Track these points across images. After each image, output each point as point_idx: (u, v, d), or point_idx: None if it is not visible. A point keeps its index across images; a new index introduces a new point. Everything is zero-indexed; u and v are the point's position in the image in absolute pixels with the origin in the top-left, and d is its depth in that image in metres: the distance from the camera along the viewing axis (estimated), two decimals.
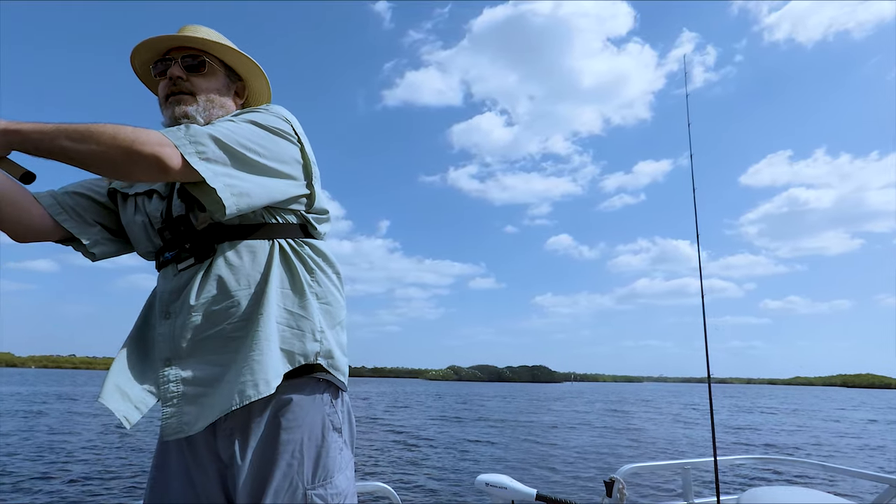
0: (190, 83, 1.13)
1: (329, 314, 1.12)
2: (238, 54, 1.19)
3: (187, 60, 1.14)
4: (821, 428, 19.58)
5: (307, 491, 1.00)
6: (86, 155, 0.87)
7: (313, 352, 1.05)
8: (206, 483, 1.01)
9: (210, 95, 1.15)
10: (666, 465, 2.57)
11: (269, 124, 1.07)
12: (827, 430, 19.01)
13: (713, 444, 2.24)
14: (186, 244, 1.06)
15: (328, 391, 1.09)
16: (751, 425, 19.93)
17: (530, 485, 2.37)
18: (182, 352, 1.00)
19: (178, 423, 0.97)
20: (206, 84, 1.15)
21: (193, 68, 1.14)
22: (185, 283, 1.03)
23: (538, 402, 36.66)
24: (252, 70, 1.23)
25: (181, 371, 0.99)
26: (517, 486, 2.37)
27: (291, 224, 1.12)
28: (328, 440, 1.06)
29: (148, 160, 0.89)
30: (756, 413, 28.08)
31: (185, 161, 0.93)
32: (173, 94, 1.13)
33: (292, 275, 1.08)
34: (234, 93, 1.23)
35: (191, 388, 0.99)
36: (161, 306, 1.05)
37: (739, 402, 43.66)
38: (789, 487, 2.09)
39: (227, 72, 1.21)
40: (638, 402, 38.31)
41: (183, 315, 1.01)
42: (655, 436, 15.65)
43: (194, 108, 1.12)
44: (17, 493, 6.54)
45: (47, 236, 1.09)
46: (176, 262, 1.06)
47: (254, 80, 1.26)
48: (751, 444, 13.73)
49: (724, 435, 15.68)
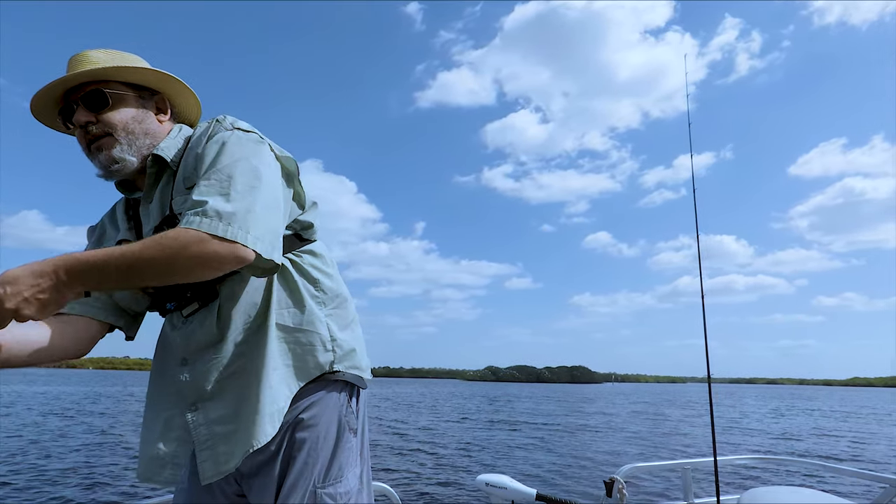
0: (101, 123, 1.02)
1: (339, 317, 1.11)
2: (139, 70, 1.05)
3: (88, 99, 1.02)
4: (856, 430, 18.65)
5: (318, 490, 1.01)
6: (162, 281, 0.88)
7: (327, 362, 1.06)
8: (224, 490, 1.06)
9: (128, 127, 1.04)
10: (666, 466, 2.56)
11: (253, 156, 0.99)
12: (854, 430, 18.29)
13: (713, 444, 2.23)
14: (187, 292, 1.03)
15: (345, 391, 1.09)
16: (793, 430, 19.01)
17: (530, 485, 2.38)
18: (206, 395, 1.00)
19: (215, 464, 0.97)
20: (118, 117, 1.03)
21: (98, 105, 1.02)
22: (196, 327, 1.03)
23: (571, 402, 35.98)
24: (163, 80, 1.10)
25: (209, 413, 1.00)
26: (517, 486, 2.38)
27: (286, 237, 1.07)
28: (343, 440, 1.06)
29: (227, 262, 0.89)
30: (803, 415, 26.80)
31: (252, 249, 0.90)
32: (91, 142, 1.03)
33: (293, 291, 1.07)
34: (155, 109, 1.11)
35: (220, 428, 0.99)
36: (176, 354, 1.05)
37: (789, 403, 41.75)
38: (789, 488, 2.07)
39: (138, 92, 1.08)
40: (682, 403, 37.18)
41: (202, 359, 1.01)
42: (674, 435, 15.25)
43: (119, 150, 1.03)
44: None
45: (97, 339, 1.10)
46: (180, 310, 1.05)
47: (171, 88, 1.12)
48: (793, 450, 13.18)
49: (754, 439, 15.07)
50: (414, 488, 7.49)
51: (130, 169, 1.06)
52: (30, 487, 6.88)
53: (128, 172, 1.06)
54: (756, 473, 7.92)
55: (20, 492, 6.67)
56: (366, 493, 1.10)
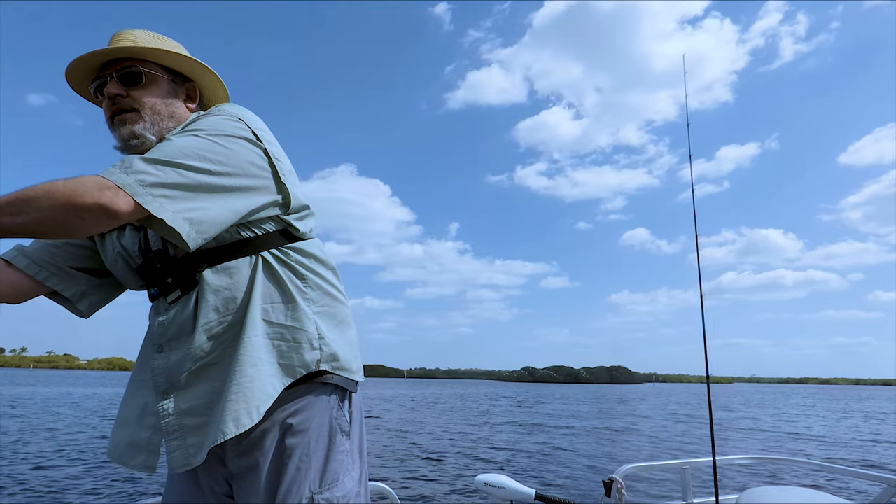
0: (131, 98, 1.04)
1: (329, 316, 1.09)
2: (176, 56, 1.08)
3: (123, 74, 1.04)
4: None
5: (314, 496, 0.99)
6: (28, 225, 0.80)
7: (314, 360, 1.03)
8: (212, 484, 1.04)
9: (156, 107, 1.06)
10: (665, 465, 2.55)
11: (220, 131, 0.99)
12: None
13: (712, 443, 2.21)
14: (168, 278, 1.03)
15: (335, 394, 1.07)
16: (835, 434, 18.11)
17: (529, 485, 2.38)
18: (179, 384, 0.99)
19: (184, 455, 0.97)
20: (148, 96, 1.06)
21: (131, 81, 1.05)
22: (174, 316, 1.02)
23: (602, 403, 35.09)
24: (197, 68, 1.13)
25: (180, 403, 0.99)
26: (516, 486, 2.37)
27: (271, 233, 1.06)
28: (336, 444, 1.04)
29: (92, 210, 0.82)
30: (857, 417, 25.45)
31: (134, 200, 0.85)
32: (116, 114, 1.05)
33: (280, 286, 1.04)
34: (184, 96, 1.13)
35: (191, 420, 0.98)
36: (153, 340, 1.03)
37: (843, 405, 39.72)
38: (787, 487, 2.04)
39: (171, 76, 1.11)
40: (722, 403, 35.90)
41: (175, 348, 1.01)
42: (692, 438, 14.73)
43: (141, 126, 1.04)
44: None
45: (29, 296, 1.06)
46: (164, 296, 1.04)
47: (203, 77, 1.15)
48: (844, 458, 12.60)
49: (801, 445, 14.42)
50: (413, 488, 7.49)
51: (148, 147, 1.04)
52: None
53: (144, 150, 1.03)
54: (755, 473, 7.82)
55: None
56: (363, 495, 1.09)
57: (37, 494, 6.71)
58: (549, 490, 6.34)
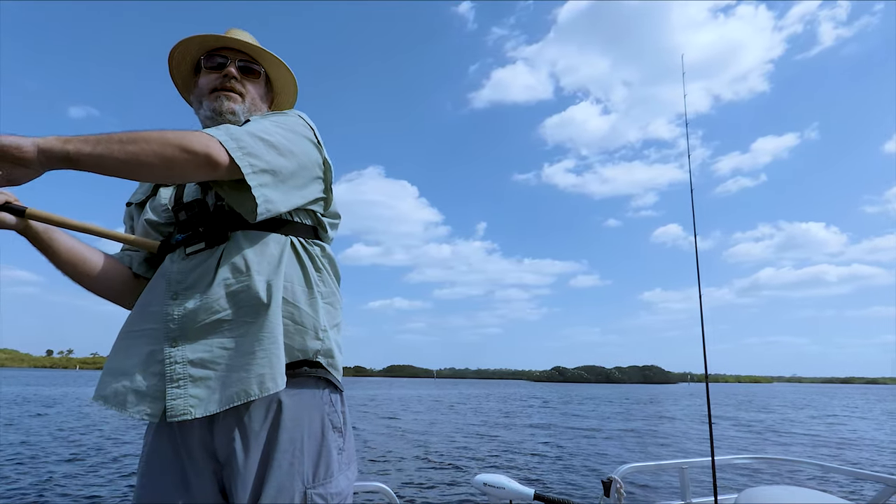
0: (241, 84, 1.20)
1: (331, 314, 1.12)
2: (284, 69, 1.26)
3: (244, 65, 1.22)
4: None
5: (307, 490, 1.00)
6: (136, 155, 0.87)
7: (314, 350, 1.05)
8: (200, 482, 0.99)
9: (255, 101, 1.23)
10: (664, 465, 2.54)
11: (296, 128, 1.12)
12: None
13: (711, 443, 2.20)
14: (199, 227, 1.07)
15: (327, 389, 1.09)
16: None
17: (528, 485, 2.38)
18: (190, 333, 0.99)
19: (185, 404, 0.95)
20: (254, 89, 1.23)
21: (248, 72, 1.22)
22: (195, 265, 1.04)
23: (629, 405, 34.12)
24: (287, 85, 1.30)
25: (188, 353, 0.98)
26: (515, 486, 2.36)
27: (305, 224, 1.14)
28: (328, 439, 1.06)
29: (199, 157, 0.92)
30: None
31: (232, 160, 0.95)
32: (225, 88, 1.18)
33: (302, 271, 1.09)
34: (270, 101, 1.31)
35: (197, 370, 0.97)
36: (169, 287, 1.03)
37: (894, 406, 37.94)
38: (786, 487, 2.01)
39: (267, 82, 1.29)
40: (759, 404, 34.69)
41: (193, 297, 1.01)
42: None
43: (241, 107, 1.18)
44: None
45: (135, 292, 1.17)
46: (185, 246, 1.06)
47: (285, 87, 1.32)
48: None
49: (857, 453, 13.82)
50: (412, 487, 7.49)
51: (237, 124, 1.14)
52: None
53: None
54: (754, 473, 7.73)
55: None
56: (351, 497, 1.10)
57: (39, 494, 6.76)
58: (548, 490, 6.32)
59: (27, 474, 7.81)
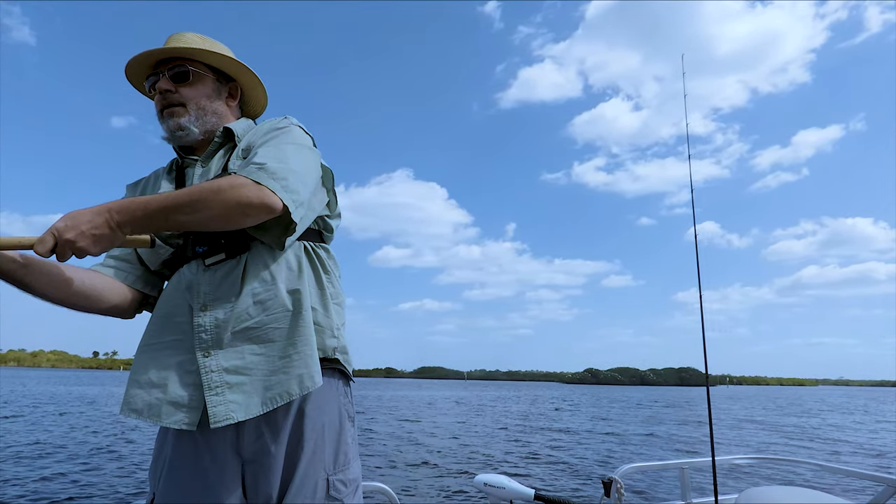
0: (179, 94, 1.18)
1: (339, 314, 1.18)
2: (220, 57, 1.21)
3: (174, 73, 1.18)
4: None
5: (329, 477, 1.05)
6: (200, 221, 0.95)
7: (332, 347, 1.12)
8: (226, 484, 1.01)
9: (200, 103, 1.19)
10: (664, 465, 2.52)
11: (304, 143, 1.13)
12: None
13: (711, 443, 2.18)
14: (221, 240, 1.08)
15: (342, 380, 1.16)
16: None
17: (529, 485, 2.39)
18: (223, 342, 1.02)
19: (226, 410, 0.99)
20: (193, 93, 1.19)
21: (180, 78, 1.18)
22: (222, 276, 1.06)
23: (659, 409, 32.68)
24: (240, 69, 1.25)
25: (222, 361, 1.02)
26: (515, 486, 2.37)
27: (312, 229, 1.18)
28: (345, 428, 1.12)
29: (257, 208, 0.96)
30: None
31: (283, 201, 0.99)
32: (165, 107, 1.18)
33: (316, 274, 1.14)
34: (227, 94, 1.27)
35: (233, 377, 1.01)
36: (196, 299, 1.06)
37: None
38: (786, 487, 1.99)
39: (217, 75, 1.24)
40: (804, 408, 33.23)
41: (223, 307, 1.04)
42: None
43: (186, 119, 1.17)
44: None
45: (134, 306, 1.19)
46: (204, 258, 1.08)
47: (244, 77, 1.28)
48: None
49: None
50: (412, 488, 7.51)
51: (192, 139, 1.19)
52: None
53: (189, 141, 1.20)
54: (754, 473, 7.53)
55: None
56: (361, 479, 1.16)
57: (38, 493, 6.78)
58: (549, 490, 6.17)
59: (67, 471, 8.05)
